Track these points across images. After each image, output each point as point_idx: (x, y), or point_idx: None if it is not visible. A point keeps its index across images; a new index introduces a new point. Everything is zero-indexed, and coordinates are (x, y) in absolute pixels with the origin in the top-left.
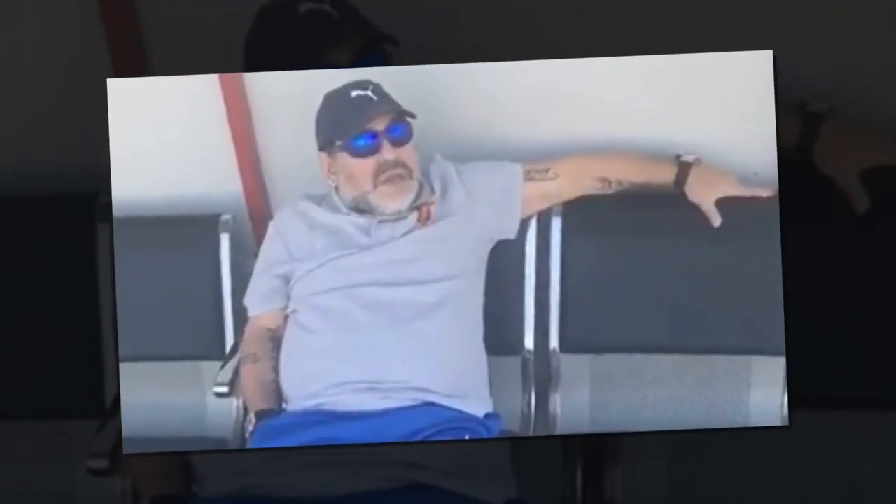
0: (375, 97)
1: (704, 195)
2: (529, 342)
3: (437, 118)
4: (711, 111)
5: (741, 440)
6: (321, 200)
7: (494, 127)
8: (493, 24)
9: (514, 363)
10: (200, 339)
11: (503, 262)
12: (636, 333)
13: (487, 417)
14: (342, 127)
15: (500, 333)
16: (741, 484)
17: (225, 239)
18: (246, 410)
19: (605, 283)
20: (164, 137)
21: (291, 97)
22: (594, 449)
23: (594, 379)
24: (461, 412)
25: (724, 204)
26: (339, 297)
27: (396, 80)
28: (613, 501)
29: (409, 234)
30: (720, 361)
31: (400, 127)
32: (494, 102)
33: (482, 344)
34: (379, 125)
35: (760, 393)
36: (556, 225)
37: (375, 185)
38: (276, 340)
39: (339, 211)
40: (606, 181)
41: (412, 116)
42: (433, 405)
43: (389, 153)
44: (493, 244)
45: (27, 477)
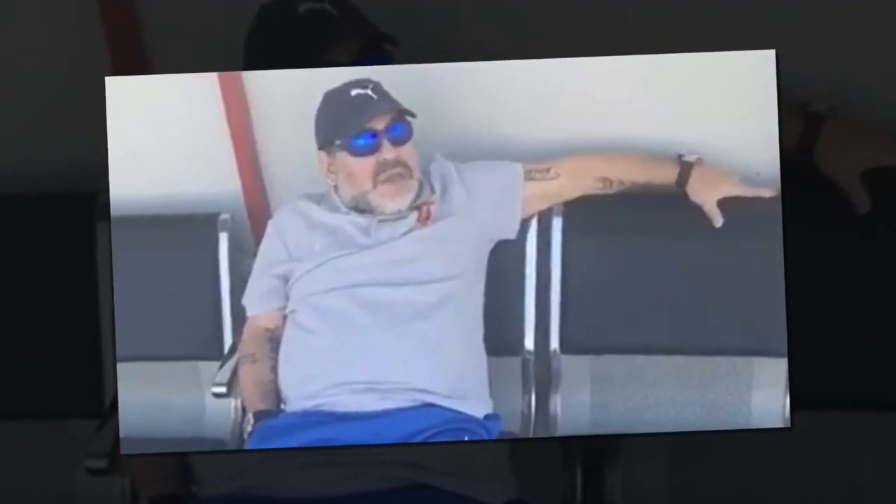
0: (375, 96)
1: (706, 195)
2: (530, 343)
3: (437, 117)
4: (714, 111)
5: (742, 441)
6: (320, 200)
7: (495, 126)
8: (493, 23)
9: (514, 364)
10: (199, 338)
11: (503, 262)
12: (637, 334)
13: (487, 418)
14: (342, 126)
15: (500, 334)
16: (742, 485)
17: (223, 238)
18: (244, 411)
19: (606, 283)
20: (162, 136)
21: (291, 96)
22: (594, 449)
23: (595, 380)
24: (461, 413)
25: (725, 204)
26: (338, 297)
27: (396, 78)
28: (613, 502)
29: (408, 233)
30: (722, 362)
31: (400, 126)
32: (495, 102)
33: (482, 344)
34: (379, 124)
35: (762, 394)
36: (556, 225)
37: (375, 184)
38: (274, 341)
39: (338, 210)
40: (608, 181)
41: (412, 115)
42: (433, 406)
43: (389, 152)
44: (493, 244)
45: (27, 477)
